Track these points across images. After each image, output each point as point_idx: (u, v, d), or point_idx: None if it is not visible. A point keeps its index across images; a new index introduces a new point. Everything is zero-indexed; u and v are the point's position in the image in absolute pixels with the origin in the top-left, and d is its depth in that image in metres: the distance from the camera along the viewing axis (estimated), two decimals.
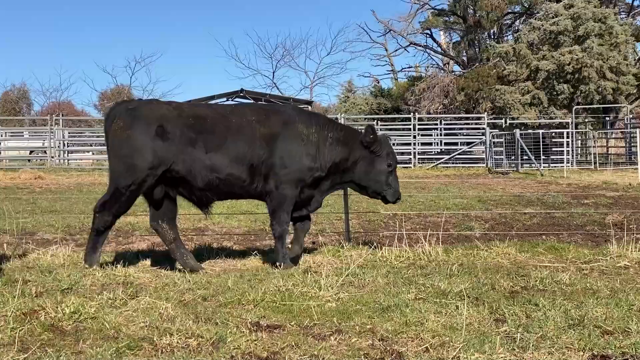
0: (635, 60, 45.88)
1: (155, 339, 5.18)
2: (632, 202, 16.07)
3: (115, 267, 7.88)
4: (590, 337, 5.29)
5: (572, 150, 34.18)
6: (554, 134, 35.86)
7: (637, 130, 28.60)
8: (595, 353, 5.00)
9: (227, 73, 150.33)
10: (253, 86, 77.89)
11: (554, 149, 34.42)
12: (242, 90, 41.11)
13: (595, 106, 41.71)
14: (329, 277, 7.25)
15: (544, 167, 30.65)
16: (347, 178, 8.80)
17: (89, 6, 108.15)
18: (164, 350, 5.02)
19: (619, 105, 41.88)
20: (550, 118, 40.92)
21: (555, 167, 32.19)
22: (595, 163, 32.81)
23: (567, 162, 31.89)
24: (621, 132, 41.21)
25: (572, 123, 36.76)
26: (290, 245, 8.97)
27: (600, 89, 40.18)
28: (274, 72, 75.27)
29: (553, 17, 41.76)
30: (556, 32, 41.16)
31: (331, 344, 5.20)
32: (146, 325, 5.52)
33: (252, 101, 39.23)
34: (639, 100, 53.57)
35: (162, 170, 7.97)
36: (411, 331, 5.47)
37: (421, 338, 5.31)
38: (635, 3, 54.16)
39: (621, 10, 53.64)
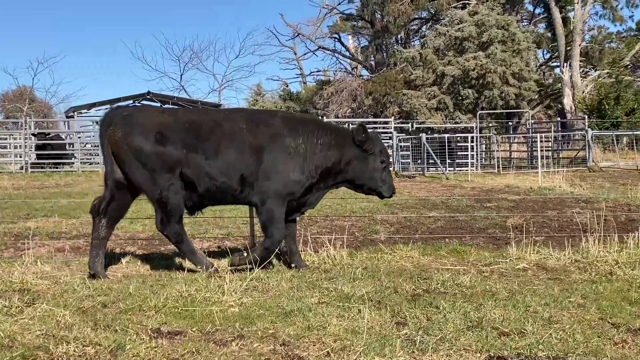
0: (536, 66, 47.21)
1: (51, 348, 5.06)
2: (533, 205, 16.45)
3: (12, 273, 7.66)
4: (488, 338, 5.40)
5: (477, 154, 34.84)
6: (459, 138, 36.50)
7: (538, 135, 29.37)
8: (492, 354, 5.11)
9: (134, 75, 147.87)
10: (160, 89, 77.27)
11: (459, 153, 35.02)
12: (149, 93, 40.63)
13: (498, 111, 42.70)
14: (232, 281, 7.21)
15: (449, 170, 31.18)
16: (341, 179, 8.81)
17: None
18: (60, 359, 4.89)
19: (522, 110, 42.99)
20: (456, 122, 41.72)
21: (460, 170, 32.74)
22: (498, 167, 33.49)
23: (471, 166, 32.55)
24: (523, 136, 42.24)
25: (476, 127, 37.50)
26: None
27: (503, 95, 41.16)
28: (181, 75, 74.99)
29: (458, 24, 42.63)
30: (461, 38, 42.01)
31: (232, 349, 5.16)
32: (42, 334, 5.39)
33: (158, 104, 38.72)
34: (541, 105, 55.17)
35: (179, 172, 7.99)
36: (313, 335, 5.48)
37: (323, 342, 5.33)
38: (537, 11, 55.80)
39: (523, 17, 55.24)
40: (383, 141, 9.32)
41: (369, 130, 8.98)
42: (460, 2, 47.92)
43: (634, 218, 12.17)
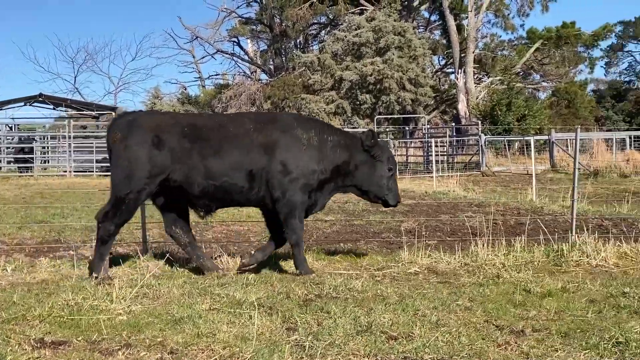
0: (432, 72, 48.13)
1: None
2: (427, 209, 16.72)
3: None
4: (376, 342, 5.46)
5: None
6: None
7: (433, 139, 29.92)
8: (380, 358, 5.17)
9: (25, 76, 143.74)
10: (53, 91, 75.15)
11: None
12: (41, 95, 39.50)
13: (395, 116, 43.30)
14: (122, 288, 7.07)
15: None
16: (348, 182, 8.88)
17: None
18: None
19: (418, 115, 43.72)
20: (354, 127, 42.09)
21: None
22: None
23: None
24: (420, 141, 42.98)
25: None
26: (253, 251, 8.83)
27: (400, 100, 41.79)
28: (75, 77, 73.35)
29: (356, 29, 43.06)
30: (359, 44, 42.45)
31: (119, 359, 5.07)
32: None
33: (51, 106, 37.71)
34: (437, 110, 56.26)
35: (160, 179, 8.08)
36: (202, 343, 5.43)
37: (212, 349, 5.29)
38: (432, 18, 56.89)
39: (420, 24, 56.21)
40: None
41: (379, 138, 9.14)
42: (358, 8, 48.50)
43: (522, 222, 12.49)
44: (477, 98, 49.07)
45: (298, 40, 54.27)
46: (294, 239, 8.46)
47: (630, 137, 42.85)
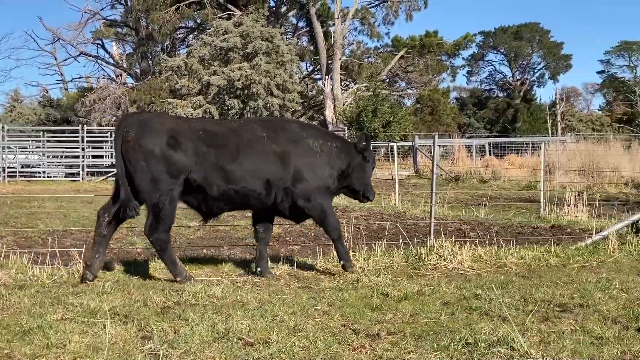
0: (300, 78, 48.43)
1: None
2: None
3: None
4: (233, 349, 5.43)
5: None
6: None
7: None
8: None
9: None
10: None
11: None
12: None
13: None
14: None
15: None
16: (344, 184, 9.20)
17: None
18: None
19: None
20: None
21: None
22: None
23: None
24: None
25: None
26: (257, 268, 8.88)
27: (268, 105, 41.79)
28: None
29: (224, 34, 42.80)
30: (226, 49, 42.22)
31: None
32: None
33: None
34: (304, 116, 56.61)
35: (183, 178, 8.15)
36: (51, 354, 5.26)
37: None
38: (300, 24, 57.31)
39: (287, 30, 56.45)
40: None
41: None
42: (226, 13, 48.27)
43: (385, 226, 12.71)
44: (343, 104, 49.68)
45: (165, 44, 53.45)
46: (335, 234, 8.88)
47: (489, 144, 44.48)
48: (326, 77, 49.70)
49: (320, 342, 5.68)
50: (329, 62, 51.32)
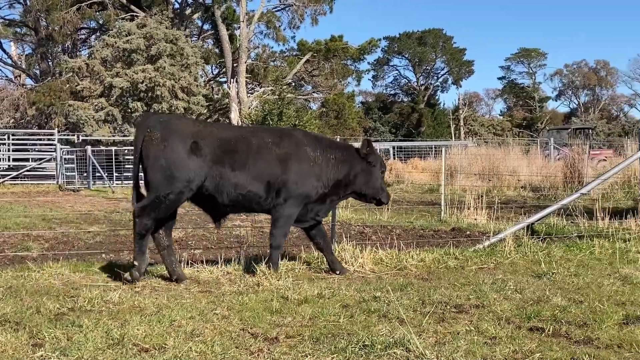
0: (205, 81, 48.08)
1: None
2: (196, 218, 16.65)
3: None
4: (127, 355, 5.33)
5: None
6: (127, 151, 36.12)
7: None
8: None
9: None
10: None
11: (127, 166, 34.65)
12: None
13: None
14: None
15: (116, 184, 30.72)
16: (349, 190, 9.49)
17: None
18: None
19: None
20: (125, 135, 41.18)
21: (128, 184, 32.37)
22: None
23: (141, 179, 32.24)
24: None
25: None
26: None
27: (172, 108, 41.30)
28: None
29: (127, 35, 42.09)
30: (130, 50, 41.52)
31: None
32: None
33: None
34: (210, 119, 56.19)
35: (197, 185, 8.43)
36: None
37: None
38: (205, 27, 56.93)
39: (192, 32, 56.00)
40: (47, 154, 9.03)
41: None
42: (129, 14, 47.51)
43: (292, 231, 12.73)
44: (249, 108, 49.56)
45: (66, 45, 52.29)
46: (276, 242, 9.06)
47: (393, 148, 45.09)
48: (232, 80, 49.52)
49: (218, 346, 5.62)
50: (235, 65, 51.11)
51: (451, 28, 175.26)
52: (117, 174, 31.90)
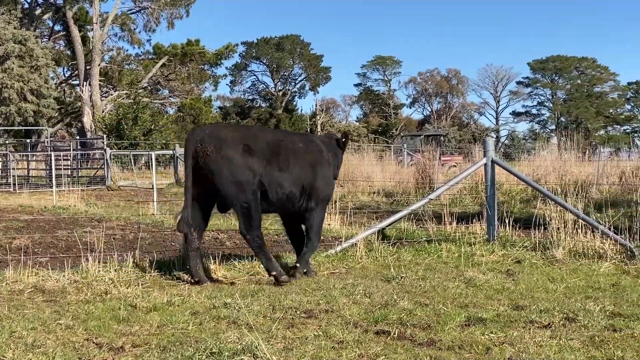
0: (56, 84, 46.68)
1: None
2: (45, 225, 16.12)
3: None
4: None
5: None
6: None
7: (53, 153, 28.92)
8: None
9: None
10: None
11: None
12: None
13: (16, 128, 41.31)
14: None
15: None
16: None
17: None
18: None
19: (41, 127, 42.10)
20: None
21: None
22: (14, 186, 32.32)
23: None
24: (43, 154, 41.42)
25: None
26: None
27: (21, 111, 39.97)
28: None
29: None
30: None
31: None
32: None
33: None
34: (62, 123, 54.66)
35: (259, 180, 8.82)
36: None
37: None
38: (57, 28, 55.29)
39: (43, 34, 54.26)
40: None
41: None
42: None
43: (141, 237, 12.49)
44: (103, 111, 48.51)
45: None
46: (314, 246, 9.70)
47: None
48: (84, 83, 48.35)
49: (60, 357, 5.45)
50: (88, 67, 49.91)
51: (309, 35, 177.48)
52: None
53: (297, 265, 9.42)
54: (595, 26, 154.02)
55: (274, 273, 8.80)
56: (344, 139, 10.16)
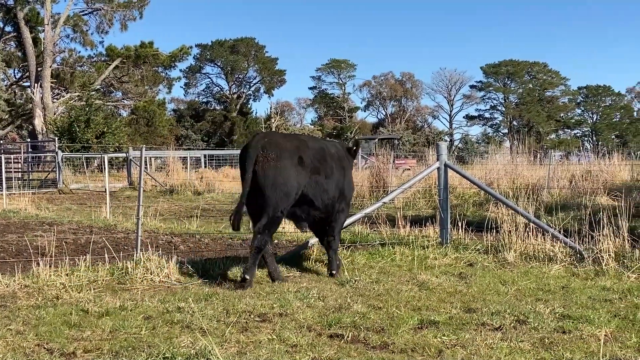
0: (7, 86, 46.00)
1: None
2: None
3: None
4: None
5: None
6: None
7: (3, 156, 28.47)
8: None
9: None
10: None
11: None
12: None
13: None
14: None
15: None
16: None
17: None
18: None
19: None
20: None
21: None
22: None
23: None
24: None
25: None
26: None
27: None
28: None
29: None
30: None
31: None
32: None
33: None
34: (12, 125, 53.91)
35: (298, 194, 9.09)
36: None
37: None
38: (7, 29, 54.49)
39: None
40: None
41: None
42: None
43: (94, 240, 12.37)
44: (54, 114, 47.92)
45: None
46: (337, 245, 9.95)
47: (205, 156, 44.92)
48: (36, 84, 47.73)
49: None
50: (39, 69, 49.28)
51: (263, 37, 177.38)
52: None
53: (333, 272, 9.67)
54: (546, 31, 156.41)
55: (247, 277, 8.79)
56: (354, 147, 10.56)
